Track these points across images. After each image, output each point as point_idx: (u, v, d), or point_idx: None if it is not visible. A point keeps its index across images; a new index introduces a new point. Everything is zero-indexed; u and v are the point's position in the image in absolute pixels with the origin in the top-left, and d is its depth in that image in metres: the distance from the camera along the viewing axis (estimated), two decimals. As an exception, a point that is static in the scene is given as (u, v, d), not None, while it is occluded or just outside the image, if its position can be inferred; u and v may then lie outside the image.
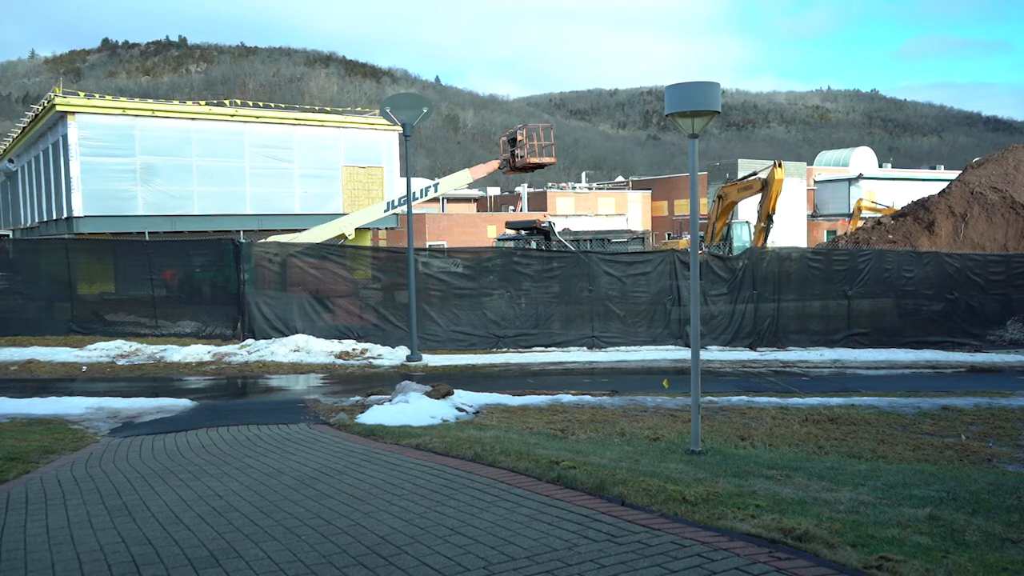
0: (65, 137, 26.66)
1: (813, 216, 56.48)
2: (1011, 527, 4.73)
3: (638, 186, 73.41)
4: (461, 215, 57.94)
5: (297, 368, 15.75)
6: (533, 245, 22.61)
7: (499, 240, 26.17)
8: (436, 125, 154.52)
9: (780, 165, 26.45)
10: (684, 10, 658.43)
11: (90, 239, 23.21)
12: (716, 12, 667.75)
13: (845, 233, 31.09)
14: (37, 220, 33.22)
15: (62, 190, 27.65)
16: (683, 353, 17.64)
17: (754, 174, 28.64)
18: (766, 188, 25.83)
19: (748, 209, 29.19)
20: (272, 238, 22.45)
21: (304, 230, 25.03)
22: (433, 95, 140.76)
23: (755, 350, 18.70)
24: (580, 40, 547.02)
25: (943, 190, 28.16)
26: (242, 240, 19.04)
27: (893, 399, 11.87)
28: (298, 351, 16.68)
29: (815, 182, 62.56)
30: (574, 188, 71.03)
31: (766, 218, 26.20)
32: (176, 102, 31.44)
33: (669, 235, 34.61)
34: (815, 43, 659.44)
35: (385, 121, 26.07)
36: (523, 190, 63.79)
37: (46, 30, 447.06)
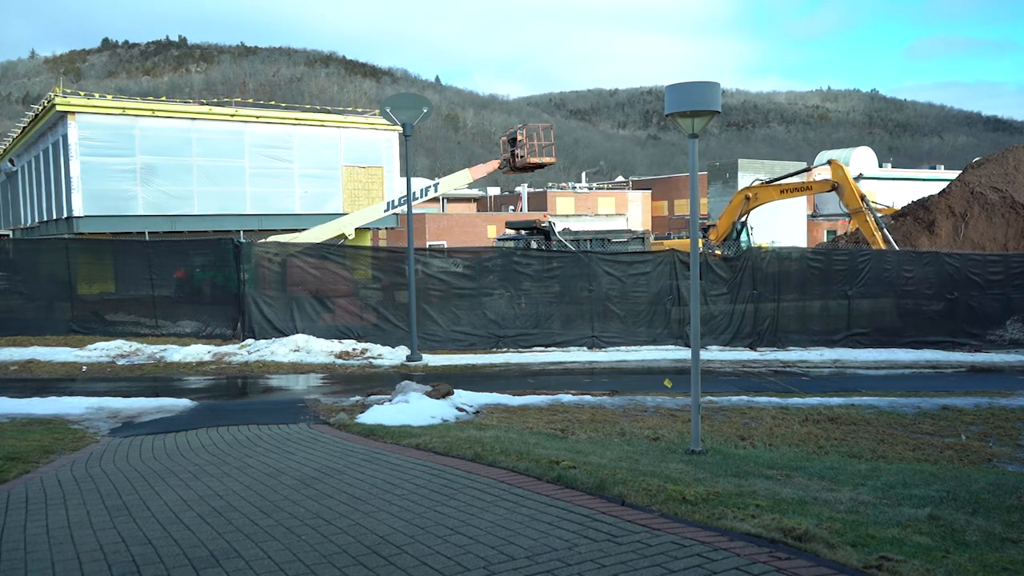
0: (65, 137, 26.65)
1: (813, 216, 56.40)
2: (1011, 527, 4.73)
3: (638, 186, 73.40)
4: (461, 215, 57.91)
5: (297, 368, 15.75)
6: (533, 245, 22.59)
7: (499, 240, 26.15)
8: (436, 125, 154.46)
9: (834, 160, 26.20)
10: (687, 11, 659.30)
11: (90, 239, 23.20)
12: (720, 13, 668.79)
13: (845, 233, 31.06)
14: (37, 220, 33.21)
15: (62, 190, 27.65)
16: (683, 353, 17.64)
17: (796, 173, 28.36)
18: (839, 187, 25.34)
19: (753, 211, 28.98)
20: (272, 238, 22.44)
21: (304, 230, 25.02)
22: (433, 95, 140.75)
23: (755, 350, 18.70)
24: (580, 40, 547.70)
25: (943, 190, 28.16)
26: (242, 240, 19.03)
27: (893, 399, 11.87)
28: (298, 351, 16.68)
29: (815, 182, 62.37)
30: (574, 188, 70.99)
31: (861, 200, 25.47)
32: (177, 102, 31.43)
33: (656, 236, 33.87)
34: (821, 44, 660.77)
35: (385, 121, 26.06)
36: (523, 190, 63.76)
37: (46, 30, 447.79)
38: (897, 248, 23.71)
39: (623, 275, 19.01)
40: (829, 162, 26.30)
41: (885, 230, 24.42)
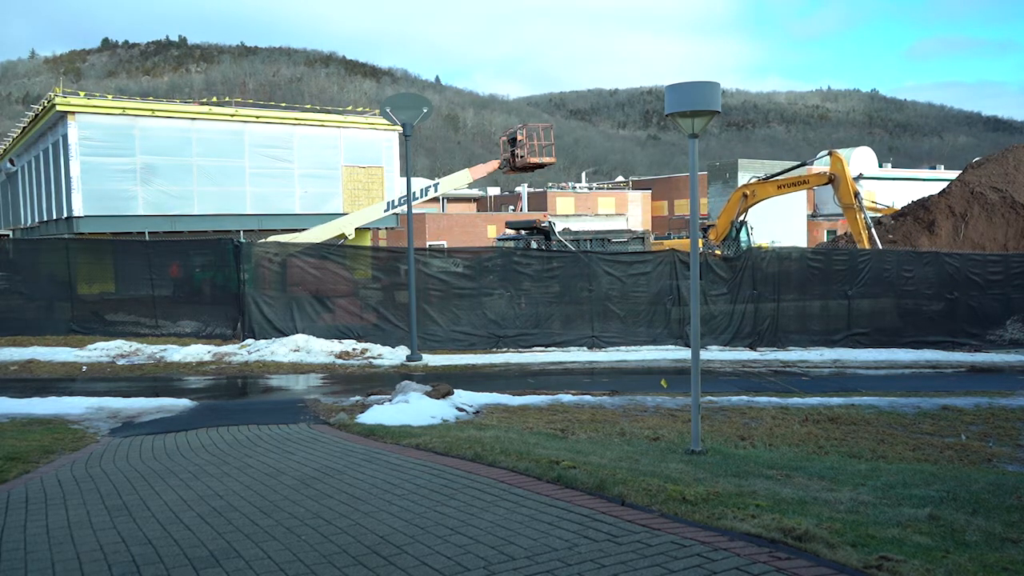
0: (65, 137, 26.65)
1: (813, 216, 56.41)
2: (1011, 527, 4.73)
3: (638, 186, 73.41)
4: (461, 215, 57.91)
5: (297, 368, 15.74)
6: (533, 245, 22.59)
7: (499, 240, 26.15)
8: (436, 125, 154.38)
9: (835, 152, 26.05)
10: (687, 11, 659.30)
11: (90, 239, 23.19)
12: (720, 13, 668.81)
13: (845, 233, 31.02)
14: (37, 220, 33.21)
15: (62, 190, 27.65)
16: (683, 353, 17.64)
17: (793, 168, 28.20)
18: (836, 179, 25.23)
19: (753, 211, 28.92)
20: (272, 238, 22.43)
21: (304, 230, 25.02)
22: (433, 95, 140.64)
23: (755, 350, 18.70)
24: (580, 40, 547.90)
25: (943, 190, 28.16)
26: (242, 240, 19.03)
27: (893, 399, 11.87)
28: (298, 351, 16.68)
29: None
30: (574, 188, 70.98)
31: (854, 196, 25.32)
32: (177, 102, 31.43)
33: (656, 236, 33.65)
34: (821, 44, 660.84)
35: (385, 121, 26.08)
36: (523, 190, 63.75)
37: (46, 30, 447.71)
38: (881, 248, 23.71)
39: (623, 275, 19.01)
40: (829, 152, 26.18)
41: (872, 230, 24.43)
